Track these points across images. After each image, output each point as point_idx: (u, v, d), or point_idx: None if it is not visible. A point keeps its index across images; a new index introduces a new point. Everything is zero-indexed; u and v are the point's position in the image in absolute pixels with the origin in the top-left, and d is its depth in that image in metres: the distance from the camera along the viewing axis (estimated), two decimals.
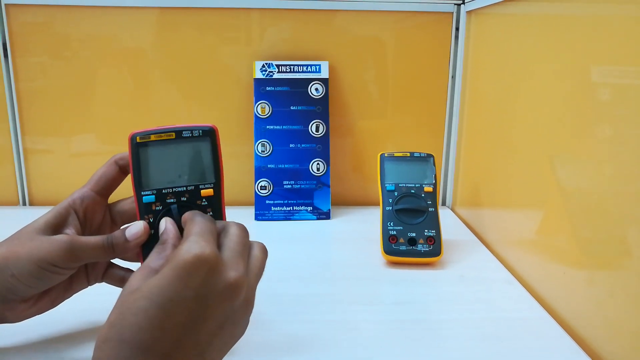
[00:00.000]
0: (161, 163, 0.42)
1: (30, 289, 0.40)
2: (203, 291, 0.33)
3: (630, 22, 0.42)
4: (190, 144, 0.43)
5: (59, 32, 0.80)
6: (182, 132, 0.43)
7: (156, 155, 0.42)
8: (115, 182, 0.46)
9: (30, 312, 0.43)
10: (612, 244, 0.44)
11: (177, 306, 0.32)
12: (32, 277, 0.39)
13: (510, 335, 0.48)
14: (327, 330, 0.49)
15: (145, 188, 0.42)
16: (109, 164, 0.45)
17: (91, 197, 0.44)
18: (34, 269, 0.39)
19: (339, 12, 0.82)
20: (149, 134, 0.42)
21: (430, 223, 0.64)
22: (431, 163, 0.68)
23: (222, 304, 0.34)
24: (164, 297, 0.32)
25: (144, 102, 0.84)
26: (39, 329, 0.47)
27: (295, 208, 0.82)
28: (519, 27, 0.63)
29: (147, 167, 0.42)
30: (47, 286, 0.41)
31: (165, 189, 0.42)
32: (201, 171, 0.43)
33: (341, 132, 0.86)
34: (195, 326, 0.33)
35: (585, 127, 0.48)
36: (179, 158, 0.43)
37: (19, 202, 0.87)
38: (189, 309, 0.33)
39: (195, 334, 0.33)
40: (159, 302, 0.32)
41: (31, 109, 0.83)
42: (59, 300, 0.44)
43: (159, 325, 0.31)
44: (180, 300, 0.32)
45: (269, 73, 0.82)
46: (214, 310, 0.34)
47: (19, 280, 0.39)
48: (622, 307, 0.43)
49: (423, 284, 0.59)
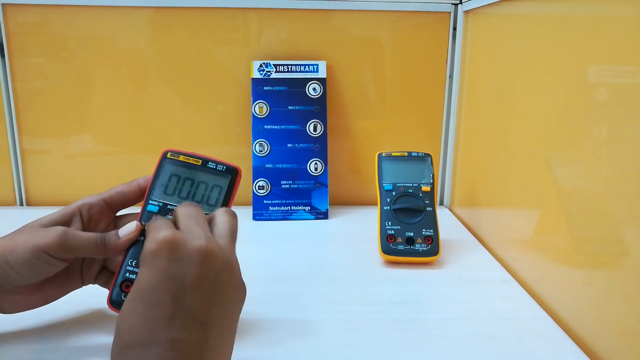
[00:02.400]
0: (177, 182, 0.46)
1: (22, 278, 0.41)
2: (174, 268, 0.34)
3: (627, 22, 0.42)
4: (211, 175, 0.46)
5: (56, 33, 0.80)
6: (209, 162, 0.46)
7: (176, 173, 0.46)
8: (130, 199, 0.47)
9: (24, 305, 0.44)
10: (610, 244, 0.44)
11: (157, 292, 0.33)
12: (25, 265, 0.40)
13: (507, 335, 0.48)
14: (325, 330, 0.49)
15: (154, 198, 0.45)
16: (130, 182, 0.47)
17: (100, 206, 0.46)
18: (28, 256, 0.40)
19: (337, 11, 0.82)
20: (180, 154, 0.47)
21: (428, 222, 0.64)
22: (429, 163, 0.68)
23: (199, 272, 0.34)
24: (143, 290, 0.33)
25: (142, 103, 0.84)
26: (35, 319, 0.47)
27: (293, 208, 0.82)
28: (516, 27, 0.64)
29: (164, 181, 0.46)
30: (39, 277, 0.42)
31: (170, 204, 0.45)
32: (210, 201, 0.45)
33: (339, 131, 0.86)
34: (182, 301, 0.33)
35: (582, 127, 0.48)
36: (195, 183, 0.46)
37: (16, 203, 0.86)
38: (169, 289, 0.33)
39: (185, 308, 0.33)
40: (140, 297, 0.33)
41: (28, 109, 0.83)
42: (53, 297, 0.45)
43: (150, 316, 0.32)
44: (157, 286, 0.33)
45: (266, 73, 0.82)
46: (193, 280, 0.34)
47: (12, 267, 0.40)
48: (619, 306, 0.43)
49: (421, 284, 0.59)
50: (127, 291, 0.42)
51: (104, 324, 0.48)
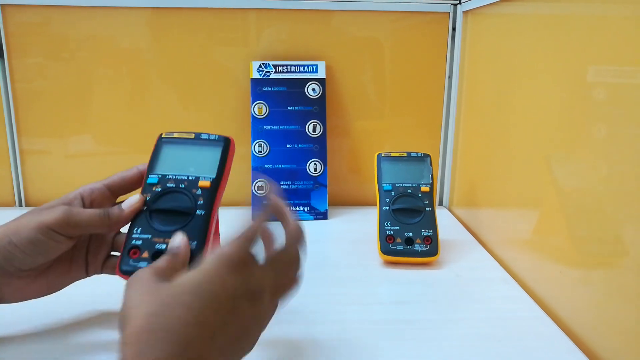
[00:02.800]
0: (174, 155, 0.48)
1: (27, 258, 0.41)
2: (236, 292, 0.34)
3: (626, 22, 0.42)
4: (204, 145, 0.48)
5: (56, 33, 0.80)
6: (201, 135, 0.48)
7: (172, 149, 0.48)
8: (130, 183, 0.48)
9: (26, 292, 0.43)
10: (608, 243, 0.44)
11: (216, 303, 0.33)
12: (30, 243, 0.41)
13: (507, 335, 0.48)
14: (325, 331, 0.49)
15: (152, 172, 0.47)
16: (131, 169, 0.48)
17: (101, 190, 0.47)
18: (32, 233, 0.41)
19: (336, 12, 0.82)
20: (174, 133, 0.49)
21: (427, 223, 0.64)
22: (428, 163, 0.68)
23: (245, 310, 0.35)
24: (207, 292, 0.33)
25: (141, 103, 0.84)
26: (41, 317, 0.47)
27: (292, 208, 0.82)
28: (515, 27, 0.64)
29: (161, 157, 0.47)
30: (44, 257, 0.42)
31: (169, 175, 0.46)
32: (206, 167, 0.46)
33: (338, 132, 0.86)
34: (225, 327, 0.33)
35: (581, 127, 0.48)
36: (192, 154, 0.47)
37: (15, 203, 0.86)
38: (224, 308, 0.33)
39: (223, 334, 0.33)
40: (202, 297, 0.32)
41: (28, 109, 0.83)
42: (56, 285, 0.45)
43: (202, 320, 0.32)
44: (219, 298, 0.33)
45: (265, 73, 0.82)
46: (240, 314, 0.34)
47: (16, 247, 0.40)
48: (618, 305, 0.43)
49: (420, 284, 0.59)
50: (134, 257, 0.43)
51: (103, 323, 0.48)
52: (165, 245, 0.43)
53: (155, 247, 0.43)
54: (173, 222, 0.44)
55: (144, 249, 0.43)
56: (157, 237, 0.44)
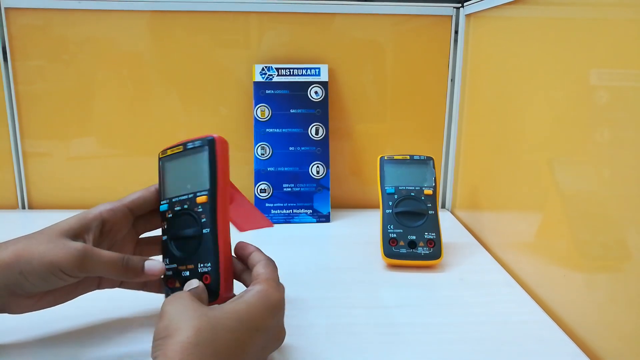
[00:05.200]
0: (173, 174, 0.47)
1: (35, 288, 0.41)
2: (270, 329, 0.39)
3: (628, 25, 0.42)
4: (193, 155, 0.46)
5: (58, 36, 0.81)
6: (187, 144, 0.46)
7: (170, 167, 0.47)
8: (149, 203, 0.47)
9: (32, 308, 0.43)
10: (612, 247, 0.44)
11: (255, 337, 0.37)
12: (39, 278, 0.40)
13: (510, 339, 0.48)
14: (327, 334, 0.49)
15: (162, 198, 0.47)
16: (148, 188, 0.48)
17: (123, 212, 0.46)
18: (42, 271, 0.39)
19: (338, 15, 0.82)
20: (167, 149, 0.47)
21: (430, 226, 0.64)
22: (431, 166, 0.68)
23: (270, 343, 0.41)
24: (252, 324, 0.37)
25: (143, 106, 0.84)
26: (42, 319, 0.47)
27: (295, 211, 0.82)
28: (518, 31, 0.64)
29: (165, 179, 0.47)
30: (51, 287, 0.42)
31: (174, 197, 0.46)
32: (198, 180, 0.45)
33: (341, 135, 0.86)
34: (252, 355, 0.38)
35: (584, 130, 0.48)
36: (185, 168, 0.46)
37: (18, 206, 0.86)
38: (258, 343, 0.38)
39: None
40: (248, 327, 0.37)
41: (30, 112, 0.83)
42: (62, 300, 0.45)
43: (240, 348, 0.36)
44: (258, 332, 0.38)
45: (268, 76, 0.82)
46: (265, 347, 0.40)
47: (26, 278, 0.39)
48: (622, 309, 0.43)
49: (423, 287, 0.59)
50: (172, 287, 0.44)
51: (108, 327, 0.48)
52: (189, 272, 0.43)
53: (182, 275, 0.44)
54: (188, 247, 0.44)
55: (175, 278, 0.44)
56: (181, 265, 0.44)
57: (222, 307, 0.37)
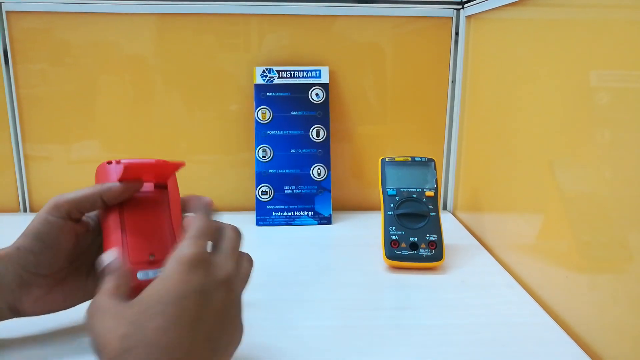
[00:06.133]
0: None
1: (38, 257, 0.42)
2: (203, 286, 0.35)
3: (629, 27, 0.42)
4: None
5: (59, 39, 0.81)
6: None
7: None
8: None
9: (44, 303, 0.43)
10: (614, 248, 0.44)
11: (187, 301, 0.33)
12: (34, 239, 0.42)
13: (512, 340, 0.48)
14: (329, 336, 0.49)
15: None
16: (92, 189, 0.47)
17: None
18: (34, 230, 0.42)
19: (339, 17, 0.83)
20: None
21: (432, 228, 0.64)
22: (432, 167, 0.68)
23: (220, 298, 0.36)
24: (175, 295, 0.33)
25: (145, 109, 0.84)
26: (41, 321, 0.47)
27: (296, 213, 0.82)
28: (518, 32, 0.64)
29: None
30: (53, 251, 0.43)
31: None
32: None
33: (342, 136, 0.87)
34: (205, 320, 0.34)
35: (585, 131, 0.48)
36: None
37: (19, 209, 0.87)
38: (197, 303, 0.34)
39: (205, 328, 0.34)
40: (171, 301, 0.33)
41: (32, 115, 0.83)
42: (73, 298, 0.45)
43: (178, 322, 0.33)
44: (188, 296, 0.34)
45: (269, 78, 0.82)
46: (216, 304, 0.35)
47: (26, 249, 0.42)
48: (625, 310, 0.43)
49: (425, 289, 0.59)
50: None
51: None
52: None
53: None
54: None
55: None
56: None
57: (144, 295, 0.34)
